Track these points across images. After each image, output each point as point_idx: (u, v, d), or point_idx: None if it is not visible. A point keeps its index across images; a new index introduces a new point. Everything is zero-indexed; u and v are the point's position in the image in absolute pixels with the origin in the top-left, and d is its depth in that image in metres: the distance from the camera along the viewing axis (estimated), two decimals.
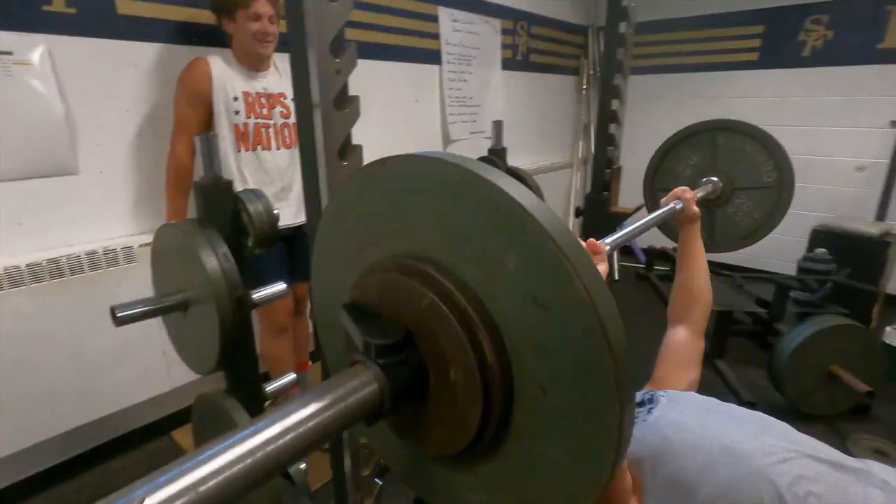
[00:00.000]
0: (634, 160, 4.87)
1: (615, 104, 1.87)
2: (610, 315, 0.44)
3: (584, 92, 4.95)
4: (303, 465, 1.60)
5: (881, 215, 3.79)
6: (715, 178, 1.94)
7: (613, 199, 1.97)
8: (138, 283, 2.04)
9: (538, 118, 4.69)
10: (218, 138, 1.20)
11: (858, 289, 2.90)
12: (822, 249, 2.93)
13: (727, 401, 1.22)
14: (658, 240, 4.57)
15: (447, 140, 3.74)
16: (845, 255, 3.17)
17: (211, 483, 0.40)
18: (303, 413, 0.47)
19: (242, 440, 0.43)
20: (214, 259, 1.13)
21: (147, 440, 2.40)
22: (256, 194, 1.24)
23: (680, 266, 1.58)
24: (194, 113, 1.95)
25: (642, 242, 4.92)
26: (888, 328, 2.84)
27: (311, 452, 0.49)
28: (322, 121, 0.80)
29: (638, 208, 1.99)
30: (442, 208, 0.51)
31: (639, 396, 1.32)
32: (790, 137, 3.98)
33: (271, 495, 1.29)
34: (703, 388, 1.30)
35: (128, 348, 2.13)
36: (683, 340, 1.51)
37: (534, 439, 0.51)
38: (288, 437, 0.45)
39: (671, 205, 1.55)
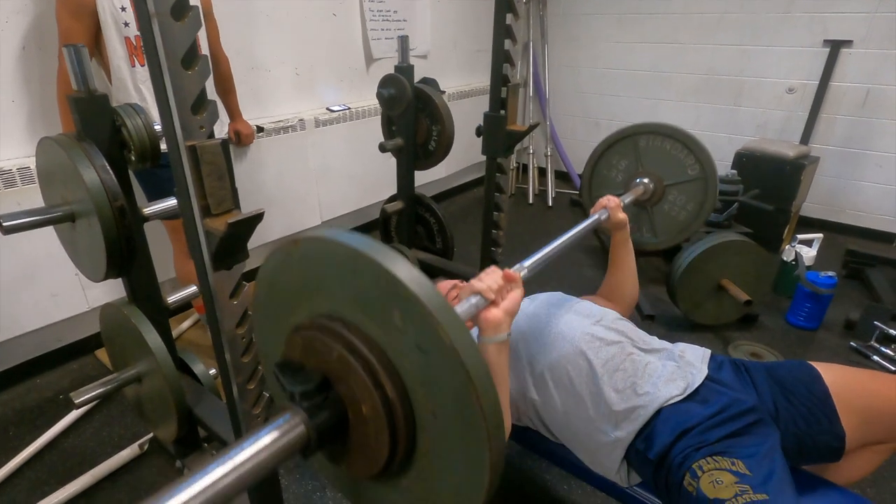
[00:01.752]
0: (572, 80, 5.07)
1: (509, 18, 1.95)
2: (471, 355, 0.58)
3: (526, 4, 4.89)
4: (212, 371, 1.79)
5: (806, 138, 3.98)
6: (645, 180, 2.06)
7: (511, 117, 2.09)
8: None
9: (471, 36, 4.59)
10: (86, 50, 1.25)
11: (767, 210, 3.15)
12: (733, 171, 3.17)
13: (630, 315, 1.58)
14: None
15: (369, 59, 3.69)
16: (762, 178, 3.44)
17: None
18: (242, 456, 0.61)
19: (192, 483, 0.57)
20: (93, 171, 1.24)
21: (71, 359, 2.55)
22: (136, 108, 1.33)
23: (610, 267, 1.79)
24: (80, 25, 1.90)
25: (578, 167, 5.07)
26: (787, 246, 3.12)
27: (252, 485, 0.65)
28: (161, 31, 0.85)
29: (532, 127, 2.13)
30: (345, 278, 0.66)
31: None
32: (725, 57, 4.24)
33: (175, 393, 1.48)
34: None
35: (37, 270, 2.23)
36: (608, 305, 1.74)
37: (435, 455, 0.67)
38: (231, 478, 0.59)
39: (595, 216, 1.70)
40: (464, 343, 0.58)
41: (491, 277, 1.11)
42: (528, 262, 1.29)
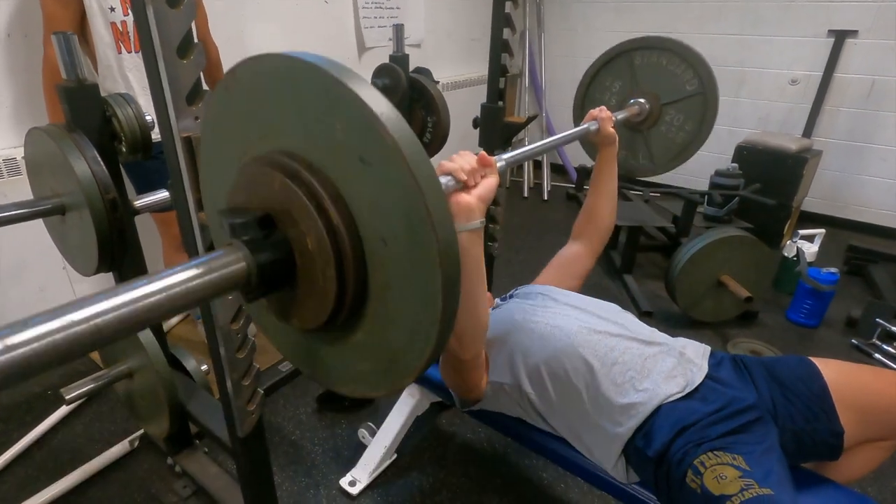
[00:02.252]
0: (568, 71, 5.05)
1: (508, 7, 1.96)
2: (418, 159, 0.54)
3: None
4: (204, 367, 1.81)
5: (808, 131, 4.01)
6: (641, 100, 2.04)
7: (509, 108, 2.11)
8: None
9: (466, 25, 4.59)
10: (76, 38, 1.25)
11: (769, 204, 3.19)
12: (734, 164, 3.20)
13: (628, 309, 1.58)
14: (590, 158, 4.76)
15: (362, 48, 3.70)
16: (763, 172, 3.47)
17: (83, 326, 0.50)
18: (176, 278, 0.57)
19: (118, 293, 0.53)
20: (84, 162, 1.24)
21: None
22: (126, 98, 1.34)
23: (590, 188, 1.78)
24: (64, 11, 1.89)
25: (574, 161, 5.12)
26: (788, 242, 3.16)
27: (182, 311, 0.61)
28: (156, 19, 0.85)
29: (530, 119, 2.15)
30: (285, 98, 0.63)
31: (511, 290, 1.72)
32: (726, 47, 4.25)
33: (167, 388, 1.50)
34: (609, 300, 1.58)
35: (25, 263, 2.25)
36: (573, 254, 1.78)
37: (388, 292, 0.63)
38: (161, 296, 0.55)
39: (584, 126, 1.68)
40: (409, 145, 0.54)
41: (464, 159, 1.05)
42: (506, 155, 1.24)
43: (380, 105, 0.54)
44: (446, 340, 0.62)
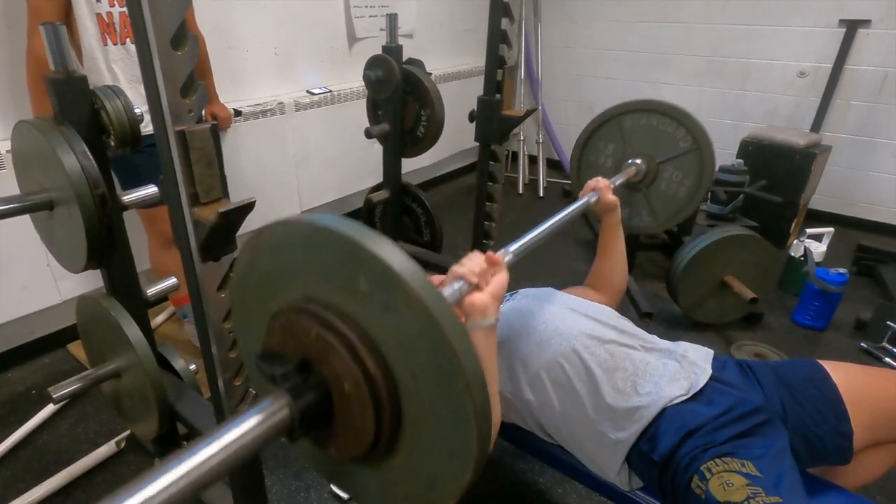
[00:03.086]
0: (566, 62, 5.10)
1: None
2: (433, 300, 0.63)
3: None
4: (193, 367, 1.85)
5: (817, 125, 4.03)
6: (637, 160, 2.10)
7: (506, 101, 2.16)
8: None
9: (460, 15, 4.64)
10: (65, 28, 1.28)
11: (775, 202, 3.23)
12: (739, 160, 3.25)
13: (626, 312, 1.64)
14: None
15: (352, 38, 3.73)
16: (769, 168, 3.51)
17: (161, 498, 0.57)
18: (227, 438, 0.65)
19: (179, 463, 0.60)
20: (72, 156, 1.28)
21: (43, 353, 2.61)
22: (114, 90, 1.37)
23: (599, 253, 1.84)
24: (49, 2, 1.92)
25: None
26: (795, 241, 3.21)
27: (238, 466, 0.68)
28: (150, 9, 0.88)
29: (528, 112, 2.20)
30: (310, 256, 0.72)
31: (507, 294, 1.73)
32: (731, 38, 4.29)
33: (156, 388, 1.55)
34: None
35: (8, 261, 2.28)
36: (594, 299, 1.78)
37: (423, 421, 0.71)
38: (215, 460, 0.63)
39: (584, 199, 1.75)
40: (426, 290, 0.62)
41: (473, 261, 1.14)
42: (513, 247, 1.33)
43: (397, 260, 0.63)
44: (483, 463, 0.68)
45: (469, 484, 0.69)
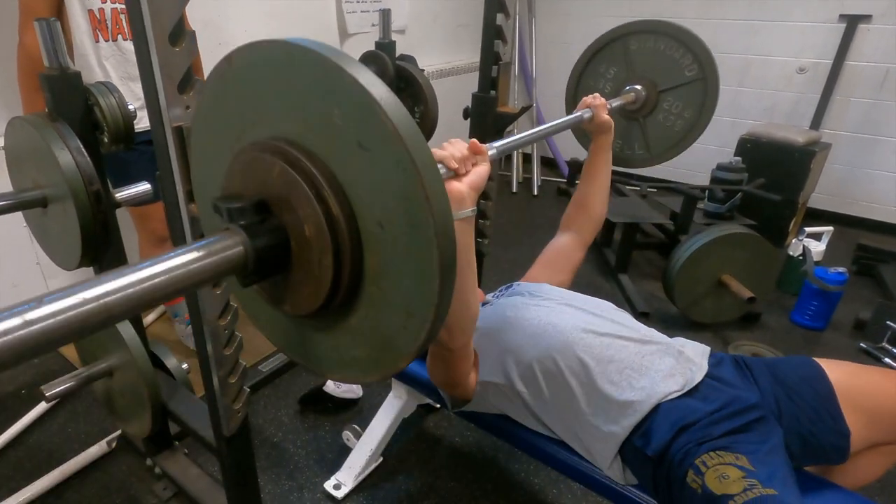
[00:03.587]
0: (561, 59, 5.06)
1: None
2: (416, 144, 0.58)
3: None
4: (185, 365, 1.89)
5: (817, 122, 4.08)
6: (637, 87, 2.09)
7: (502, 98, 2.19)
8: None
9: (453, 10, 4.67)
10: (59, 24, 1.31)
11: (774, 200, 3.27)
12: (737, 158, 3.30)
13: (623, 310, 1.64)
14: (583, 152, 4.75)
15: (344, 34, 3.78)
16: (768, 165, 3.54)
17: (94, 304, 0.56)
18: (178, 260, 0.63)
19: (125, 274, 0.59)
20: (67, 153, 1.31)
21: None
22: (108, 87, 1.41)
23: (582, 177, 1.86)
24: None
25: (566, 154, 5.18)
26: (794, 240, 3.26)
27: (182, 294, 0.66)
28: (149, 4, 0.90)
29: (524, 109, 2.24)
30: (282, 83, 0.69)
31: (502, 287, 1.80)
32: (730, 33, 4.34)
33: (150, 387, 1.59)
34: (606, 300, 1.65)
35: None
36: (563, 246, 1.86)
37: (384, 276, 0.69)
38: (164, 277, 0.61)
39: (578, 113, 1.73)
40: (412, 134, 0.59)
41: (454, 146, 1.10)
42: (497, 143, 1.27)
43: (378, 90, 0.59)
44: (442, 322, 0.67)
45: (426, 342, 0.68)
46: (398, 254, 0.65)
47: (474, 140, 1.14)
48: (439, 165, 1.06)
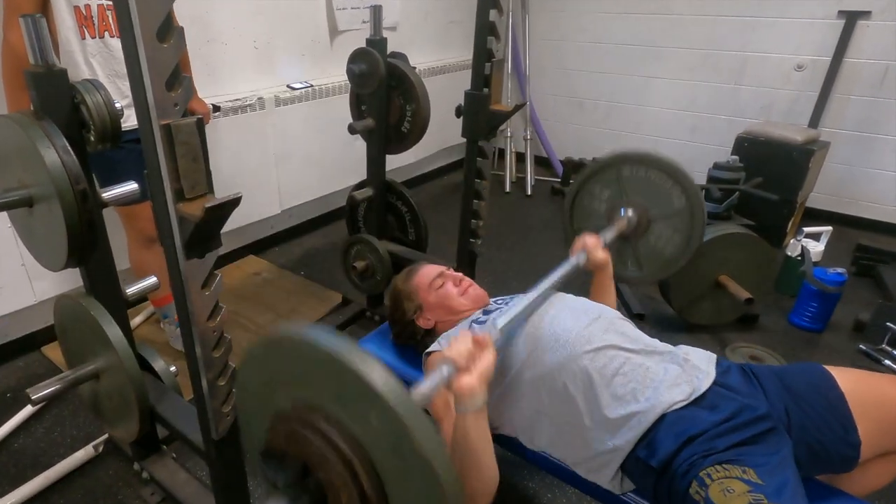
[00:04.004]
0: (555, 56, 5.14)
1: None
2: (443, 466, 0.72)
3: None
4: (173, 368, 1.90)
5: (815, 121, 4.09)
6: (629, 213, 2.15)
7: (495, 96, 2.21)
8: None
9: (444, 7, 4.69)
10: (44, 20, 1.31)
11: (771, 200, 3.30)
12: (734, 157, 3.32)
13: (618, 311, 1.66)
14: (577, 151, 4.93)
15: (333, 31, 3.79)
16: (765, 164, 3.55)
17: None
18: None
19: None
20: (53, 152, 1.32)
21: (16, 356, 2.66)
22: (95, 84, 1.42)
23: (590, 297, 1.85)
24: None
25: (560, 153, 5.20)
26: (792, 240, 3.28)
27: None
28: (136, 1, 0.92)
29: (517, 107, 2.26)
30: (325, 376, 0.79)
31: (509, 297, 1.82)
32: (726, 30, 4.36)
33: (137, 390, 1.60)
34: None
35: None
36: None
37: None
38: None
39: (574, 260, 1.78)
40: (437, 455, 0.71)
41: (461, 343, 1.24)
42: (501, 323, 1.38)
43: (414, 419, 0.72)
44: None
45: None
46: None
47: (477, 334, 1.25)
48: (449, 365, 1.17)
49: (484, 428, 1.26)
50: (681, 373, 1.41)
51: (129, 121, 1.43)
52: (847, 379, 1.42)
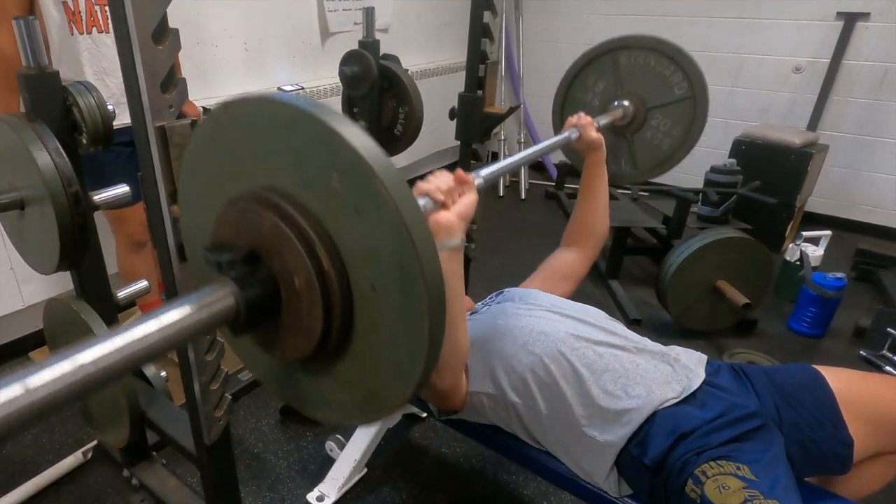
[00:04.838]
0: (549, 58, 5.17)
1: None
2: (412, 215, 0.62)
3: None
4: (164, 373, 1.92)
5: (814, 123, 4.14)
6: (625, 102, 2.13)
7: (489, 98, 2.23)
8: None
9: (436, 8, 4.73)
10: (37, 23, 1.33)
11: (770, 203, 3.35)
12: (732, 160, 3.37)
13: (614, 317, 1.68)
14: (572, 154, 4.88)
15: (325, 33, 3.83)
16: (763, 168, 3.62)
17: (93, 368, 0.57)
18: (168, 318, 0.65)
19: (120, 334, 0.61)
20: (45, 154, 1.34)
21: (4, 361, 2.68)
22: (87, 86, 1.43)
23: (580, 196, 1.90)
24: None
25: (555, 157, 5.22)
26: (791, 245, 3.31)
27: (175, 348, 0.70)
28: (131, 1, 0.94)
29: (512, 109, 2.29)
30: (281, 141, 0.73)
31: (492, 294, 1.83)
32: (723, 32, 4.42)
33: (128, 395, 1.62)
34: (596, 307, 1.70)
35: None
36: (566, 261, 1.91)
37: (373, 334, 0.73)
38: (156, 337, 0.63)
39: (565, 134, 1.78)
40: (405, 201, 0.63)
41: (440, 178, 1.17)
42: (483, 171, 1.32)
43: (378, 160, 0.63)
44: (428, 381, 0.72)
45: (409, 398, 0.74)
46: (388, 316, 0.70)
47: (459, 171, 1.20)
48: (426, 198, 1.12)
49: (458, 272, 1.22)
50: (671, 372, 1.44)
51: (117, 120, 1.46)
52: (838, 379, 1.45)
